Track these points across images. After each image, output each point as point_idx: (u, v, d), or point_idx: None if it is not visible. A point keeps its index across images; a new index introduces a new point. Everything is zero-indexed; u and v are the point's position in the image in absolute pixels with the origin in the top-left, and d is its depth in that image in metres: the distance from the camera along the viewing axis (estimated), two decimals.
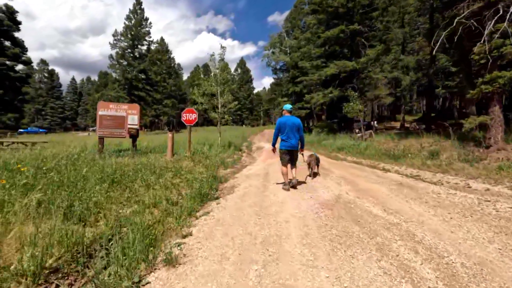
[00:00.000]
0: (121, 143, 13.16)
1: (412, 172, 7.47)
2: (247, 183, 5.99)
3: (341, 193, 4.98)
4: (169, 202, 4.36)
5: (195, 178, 6.01)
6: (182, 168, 7.04)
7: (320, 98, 18.60)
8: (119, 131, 9.46)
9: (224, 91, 12.85)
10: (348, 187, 5.54)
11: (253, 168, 8.50)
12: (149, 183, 5.06)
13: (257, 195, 4.93)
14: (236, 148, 13.92)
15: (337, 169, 8.09)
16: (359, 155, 11.24)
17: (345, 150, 12.57)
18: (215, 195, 5.06)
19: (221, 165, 8.54)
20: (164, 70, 59.14)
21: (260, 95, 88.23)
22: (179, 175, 6.17)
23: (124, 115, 9.53)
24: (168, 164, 7.98)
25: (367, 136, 13.54)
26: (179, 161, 8.71)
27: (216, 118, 13.01)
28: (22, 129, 47.31)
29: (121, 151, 9.94)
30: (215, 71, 12.84)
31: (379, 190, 5.22)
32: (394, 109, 47.61)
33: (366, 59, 17.08)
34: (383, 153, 10.79)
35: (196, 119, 10.28)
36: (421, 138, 12.46)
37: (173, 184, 5.29)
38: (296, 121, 5.41)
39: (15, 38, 28.63)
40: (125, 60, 39.43)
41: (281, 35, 34.53)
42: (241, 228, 3.30)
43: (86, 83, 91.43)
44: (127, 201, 4.13)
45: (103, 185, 4.41)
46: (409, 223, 3.38)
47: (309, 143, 16.91)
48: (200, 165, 8.16)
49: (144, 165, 6.56)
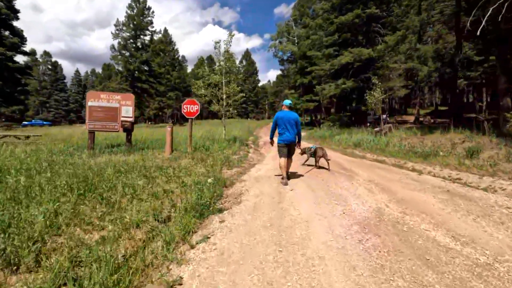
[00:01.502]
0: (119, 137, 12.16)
1: (450, 175, 6.31)
2: (258, 189, 4.91)
3: (379, 206, 3.87)
4: (158, 218, 3.32)
5: (194, 182, 4.96)
6: (179, 168, 5.99)
7: (332, 89, 17.26)
8: (111, 124, 8.44)
9: (230, 81, 11.69)
10: (384, 196, 4.42)
11: (262, 167, 7.41)
12: (136, 191, 4.01)
13: (272, 207, 3.85)
14: (242, 143, 12.83)
15: (360, 169, 6.95)
16: (380, 152, 10.05)
17: (362, 146, 11.39)
18: (218, 206, 4.00)
19: (226, 164, 7.47)
20: (168, 61, 57.86)
21: (265, 88, 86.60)
22: (176, 178, 5.12)
23: (117, 106, 8.49)
24: (164, 163, 6.95)
25: (386, 130, 12.32)
26: (178, 159, 7.68)
27: (220, 111, 11.89)
28: (27, 121, 46.92)
29: (114, 147, 8.93)
30: (219, 58, 11.65)
31: (427, 202, 4.10)
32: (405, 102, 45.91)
33: (384, 46, 15.66)
34: (408, 150, 9.59)
35: (198, 111, 9.19)
36: (447, 133, 11.20)
37: (165, 192, 4.24)
38: (294, 116, 5.51)
39: (14, 27, 27.67)
40: (127, 51, 38.27)
41: (289, 24, 32.96)
42: (255, 271, 2.22)
43: (91, 76, 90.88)
44: (100, 219, 3.09)
45: (70, 196, 3.38)
46: (505, 264, 2.27)
47: (321, 138, 15.73)
48: (201, 164, 7.10)
49: (133, 165, 5.52)
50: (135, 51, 38.95)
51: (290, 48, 30.75)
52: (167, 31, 61.36)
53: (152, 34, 42.10)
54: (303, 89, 31.85)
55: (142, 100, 40.30)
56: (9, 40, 26.14)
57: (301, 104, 29.57)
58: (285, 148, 5.42)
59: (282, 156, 5.43)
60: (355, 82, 16.60)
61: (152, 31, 42.23)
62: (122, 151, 8.29)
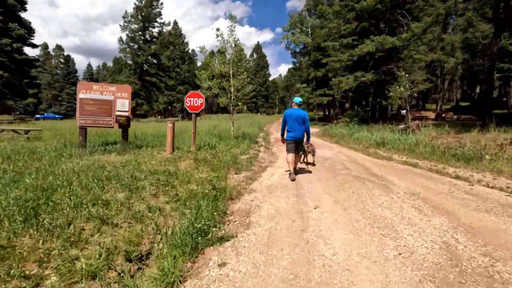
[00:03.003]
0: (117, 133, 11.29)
1: (510, 185, 5.07)
2: (272, 206, 3.83)
3: (446, 240, 2.74)
4: (132, 257, 2.32)
5: (191, 192, 3.93)
6: (177, 173, 4.98)
7: (351, 82, 15.82)
8: (105, 119, 7.50)
9: (239, 70, 10.55)
10: (443, 220, 3.27)
11: (275, 171, 6.33)
12: (110, 211, 3.01)
13: (293, 240, 2.77)
14: (252, 140, 11.76)
15: (394, 176, 5.77)
16: (409, 154, 8.77)
17: (387, 145, 10.10)
18: (220, 233, 2.96)
19: (233, 166, 6.43)
20: (178, 55, 57.04)
21: (276, 82, 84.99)
22: (169, 188, 4.10)
23: (111, 99, 7.53)
24: (161, 165, 5.96)
25: (414, 128, 10.97)
26: (179, 160, 6.68)
27: (228, 105, 10.81)
28: (40, 115, 47.29)
29: (109, 145, 8.02)
30: (226, 45, 10.50)
31: (509, 233, 2.93)
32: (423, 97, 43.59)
33: (410, 34, 14.11)
34: (443, 152, 8.29)
35: (203, 105, 8.16)
36: (487, 132, 9.79)
37: (151, 210, 3.23)
38: (302, 113, 5.61)
39: (21, 19, 27.26)
40: (135, 43, 37.50)
41: (302, 14, 31.35)
42: None
43: (102, 70, 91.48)
44: (39, 265, 2.09)
45: (6, 224, 2.39)
46: None
47: (337, 136, 14.45)
48: (204, 166, 6.09)
49: (121, 169, 4.53)
50: (143, 43, 38.15)
51: (303, 39, 29.19)
52: (177, 24, 60.53)
53: (161, 26, 41.19)
54: (316, 83, 30.34)
55: (151, 94, 39.69)
56: (16, 32, 25.74)
57: (314, 99, 28.14)
58: (292, 144, 5.62)
59: (289, 152, 5.66)
60: (375, 75, 15.15)
61: (161, 23, 41.32)
62: (117, 150, 7.37)
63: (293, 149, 5.62)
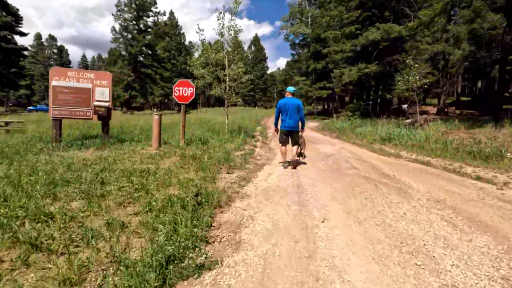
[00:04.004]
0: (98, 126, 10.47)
1: None
2: (268, 218, 3.09)
3: (505, 274, 2.01)
4: None
5: (169, 200, 3.17)
6: (157, 174, 4.22)
7: (354, 73, 14.99)
8: (82, 110, 6.68)
9: (235, 59, 9.70)
10: (490, 240, 2.55)
11: (273, 171, 5.57)
12: (51, 229, 2.24)
13: (296, 273, 2.03)
14: (248, 135, 10.99)
15: (409, 177, 5.05)
16: (419, 150, 8.05)
17: (393, 141, 9.37)
18: (199, 259, 2.21)
19: (225, 164, 5.68)
20: (174, 46, 55.54)
21: (274, 76, 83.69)
22: (143, 193, 3.34)
23: (89, 87, 6.70)
24: (142, 162, 5.20)
25: (421, 122, 10.23)
26: (164, 156, 5.92)
27: (223, 96, 9.98)
28: (32, 106, 45.98)
29: (88, 139, 7.20)
30: (222, 31, 9.61)
31: None
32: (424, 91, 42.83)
33: (417, 23, 13.27)
34: (455, 149, 7.58)
35: (193, 95, 7.36)
36: (502, 127, 9.10)
37: (110, 227, 2.47)
38: (296, 101, 5.48)
39: (8, 5, 25.92)
40: (129, 33, 36.16)
41: (302, 4, 30.26)
42: None
43: (97, 61, 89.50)
44: None
45: None
46: None
47: (338, 130, 13.70)
48: (192, 164, 5.33)
49: (88, 169, 3.75)
50: (137, 33, 36.81)
51: (303, 30, 28.15)
52: (173, 14, 58.90)
53: (156, 16, 39.76)
54: (315, 76, 29.44)
55: (146, 86, 38.53)
56: (2, 19, 24.47)
57: (313, 92, 27.27)
58: (286, 135, 5.53)
59: (282, 142, 5.59)
60: (379, 66, 14.33)
61: (156, 12, 39.88)
62: (96, 145, 6.58)
63: (287, 140, 5.54)
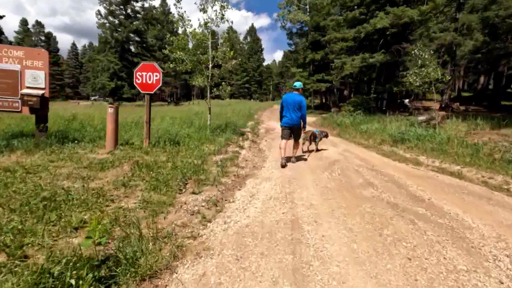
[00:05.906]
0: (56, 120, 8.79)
1: None
2: None
3: None
4: None
5: (44, 272, 1.59)
6: (75, 198, 2.64)
7: (357, 63, 13.39)
8: (7, 99, 5.00)
9: (223, 40, 8.06)
10: None
11: (259, 189, 4.01)
12: None
13: None
14: (236, 132, 9.41)
15: (450, 202, 3.53)
16: (441, 156, 6.52)
17: (407, 143, 7.85)
18: None
19: (194, 176, 4.11)
20: (166, 35, 53.05)
21: (270, 68, 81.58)
22: (7, 257, 1.76)
23: (16, 69, 5.00)
24: (72, 174, 3.62)
25: (439, 120, 8.75)
26: (112, 164, 4.33)
27: (205, 85, 8.34)
28: None
29: (21, 137, 5.52)
30: (205, 5, 7.91)
31: None
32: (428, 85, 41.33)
33: (431, 6, 11.66)
34: (489, 154, 6.12)
35: (160, 83, 5.71)
36: None
37: None
38: (297, 98, 5.33)
39: None
40: (115, 18, 33.76)
41: None
42: None
43: (89, 49, 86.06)
44: None
45: None
46: None
47: (340, 128, 12.17)
48: (144, 179, 3.77)
49: None
50: (124, 18, 34.43)
51: (301, 17, 26.28)
52: (165, 1, 56.20)
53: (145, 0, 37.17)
54: (313, 67, 27.74)
55: None
56: None
57: (311, 85, 25.61)
58: (287, 130, 5.43)
59: (283, 138, 5.41)
60: (386, 55, 12.76)
61: None
62: (27, 146, 4.94)
63: (288, 136, 5.43)
